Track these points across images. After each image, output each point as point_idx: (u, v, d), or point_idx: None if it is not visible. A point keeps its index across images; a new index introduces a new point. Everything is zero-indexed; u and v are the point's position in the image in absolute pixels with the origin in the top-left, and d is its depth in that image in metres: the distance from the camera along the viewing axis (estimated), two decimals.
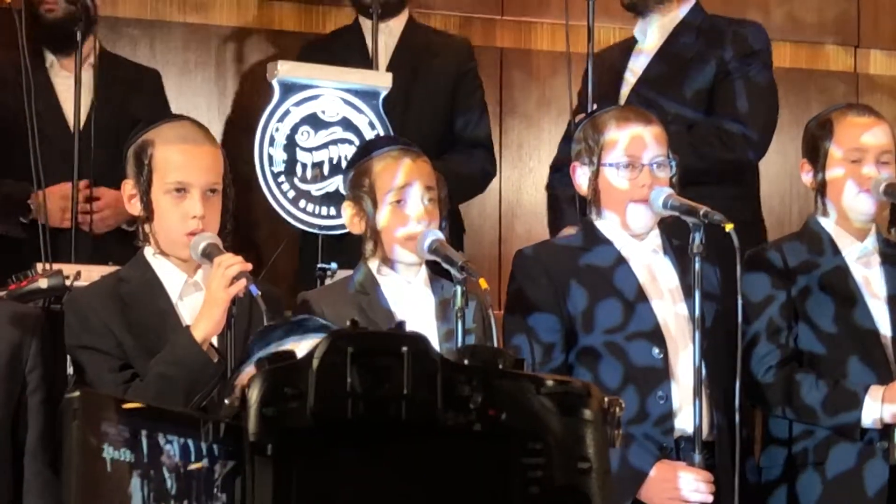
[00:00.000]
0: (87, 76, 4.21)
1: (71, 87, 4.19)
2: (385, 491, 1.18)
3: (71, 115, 4.20)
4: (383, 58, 4.49)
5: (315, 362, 1.15)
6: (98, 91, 4.19)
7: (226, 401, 1.17)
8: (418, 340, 1.17)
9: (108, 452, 1.04)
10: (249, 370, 2.29)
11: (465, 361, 1.17)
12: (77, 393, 1.06)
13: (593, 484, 1.17)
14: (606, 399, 1.24)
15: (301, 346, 2.16)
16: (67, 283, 3.45)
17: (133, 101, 4.25)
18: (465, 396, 1.17)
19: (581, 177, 3.56)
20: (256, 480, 1.13)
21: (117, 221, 4.17)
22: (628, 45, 4.41)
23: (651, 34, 4.32)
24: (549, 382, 1.20)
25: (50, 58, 4.29)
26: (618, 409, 1.23)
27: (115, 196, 4.04)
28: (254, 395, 1.14)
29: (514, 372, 1.19)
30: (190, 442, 1.11)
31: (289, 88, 4.08)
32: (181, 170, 3.20)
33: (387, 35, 4.51)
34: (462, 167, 4.34)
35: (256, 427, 1.14)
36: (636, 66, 4.31)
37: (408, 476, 1.18)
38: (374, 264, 3.39)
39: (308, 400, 1.15)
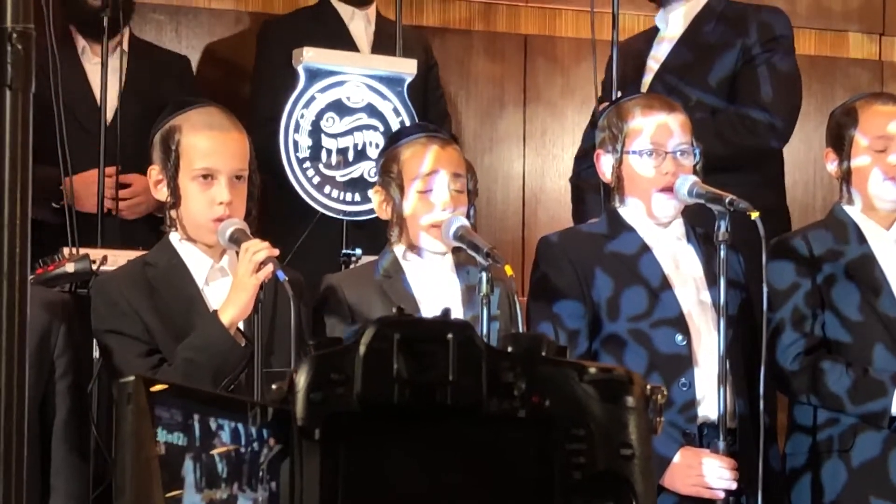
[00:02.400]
0: (118, 62, 4.23)
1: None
2: (430, 475, 1.19)
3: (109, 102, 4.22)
4: (365, 44, 4.49)
5: (362, 348, 1.17)
6: (128, 77, 4.21)
7: (273, 386, 1.19)
8: (464, 328, 1.18)
9: (162, 436, 1.06)
10: None
11: (509, 348, 1.19)
12: (132, 377, 1.08)
13: (636, 470, 1.19)
14: (649, 387, 1.25)
15: None
16: (94, 267, 3.46)
17: (162, 87, 4.25)
18: (509, 383, 1.18)
19: (605, 164, 3.56)
20: (304, 464, 1.15)
21: (149, 208, 4.18)
22: (651, 34, 4.41)
23: (673, 22, 4.32)
24: (592, 370, 1.21)
25: (81, 43, 4.27)
26: (659, 397, 1.24)
27: (146, 183, 4.06)
28: (301, 380, 1.16)
29: (556, 359, 1.20)
30: (240, 426, 1.13)
31: (314, 75, 4.09)
32: (208, 156, 3.22)
33: (365, 22, 4.52)
34: None
35: (304, 412, 1.16)
36: (659, 54, 4.31)
37: (452, 461, 1.20)
38: (399, 250, 3.40)
39: (355, 385, 1.17)
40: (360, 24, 4.50)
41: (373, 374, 1.17)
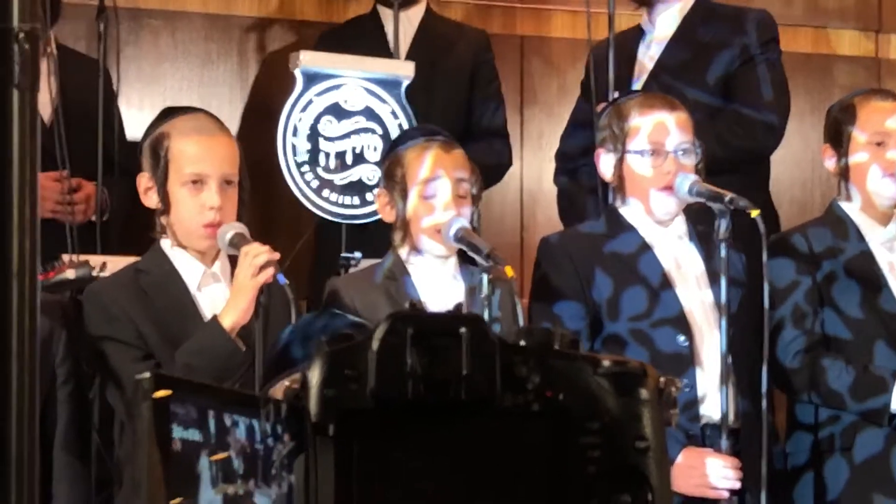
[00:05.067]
0: (51, 65, 4.17)
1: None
2: (443, 470, 1.19)
3: (41, 104, 4.16)
4: (402, 47, 4.49)
5: (375, 344, 1.17)
6: (61, 79, 4.16)
7: (286, 382, 1.18)
8: (477, 322, 1.18)
9: (178, 432, 1.06)
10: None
11: (522, 342, 1.19)
12: (147, 374, 1.08)
13: (651, 463, 1.19)
14: (662, 379, 1.25)
15: None
16: (94, 273, 3.45)
17: (85, 92, 4.18)
18: (523, 377, 1.18)
19: (605, 164, 3.56)
20: (319, 459, 1.14)
21: (91, 213, 4.16)
22: (634, 34, 4.37)
23: (664, 22, 4.30)
24: (606, 363, 1.21)
25: None
26: (673, 390, 1.24)
27: (92, 187, 4.05)
28: (315, 376, 1.16)
29: (570, 353, 1.20)
30: (255, 422, 1.13)
31: (311, 78, 4.09)
32: (198, 161, 3.21)
33: (405, 24, 4.51)
34: (478, 157, 4.34)
35: (318, 408, 1.16)
36: (651, 54, 4.29)
37: (466, 456, 1.20)
38: (403, 252, 3.40)
39: (368, 381, 1.16)
40: (398, 27, 4.50)
41: (386, 369, 1.17)
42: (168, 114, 3.37)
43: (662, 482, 1.18)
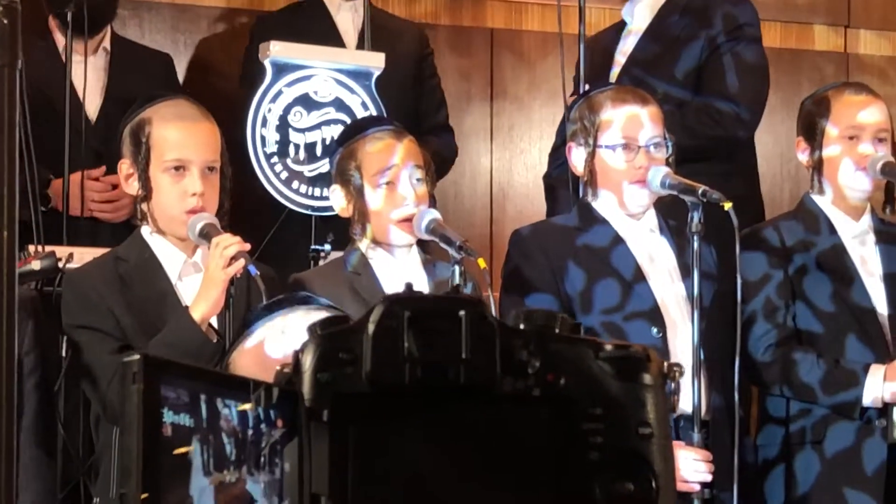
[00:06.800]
0: (102, 61, 4.18)
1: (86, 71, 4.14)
2: (442, 456, 1.16)
3: (88, 101, 4.15)
4: (352, 37, 4.45)
5: (371, 327, 1.14)
6: (111, 76, 4.14)
7: (278, 367, 1.15)
8: (476, 304, 1.15)
9: (168, 416, 1.02)
10: (250, 344, 2.26)
11: (521, 326, 1.16)
12: (136, 356, 1.04)
13: (654, 449, 1.16)
14: (666, 364, 1.22)
15: (309, 317, 2.14)
16: (60, 265, 3.40)
17: (145, 86, 4.15)
18: (523, 361, 1.15)
19: (577, 157, 3.54)
20: (313, 445, 1.11)
21: (130, 211, 4.12)
22: (618, 28, 4.39)
23: (638, 15, 4.30)
24: (608, 347, 1.19)
25: (62, 40, 4.19)
26: (677, 374, 1.21)
27: None
28: (308, 360, 1.13)
29: (571, 336, 1.17)
30: (248, 407, 1.09)
31: (281, 69, 4.05)
32: (180, 147, 3.17)
33: (353, 13, 4.48)
34: (438, 150, 4.32)
35: (311, 393, 1.12)
36: (626, 48, 4.30)
37: (465, 441, 1.17)
38: (364, 245, 3.37)
39: (364, 365, 1.13)
40: (346, 17, 4.45)
41: (382, 353, 1.14)
42: (148, 100, 3.32)
43: (666, 469, 1.15)
